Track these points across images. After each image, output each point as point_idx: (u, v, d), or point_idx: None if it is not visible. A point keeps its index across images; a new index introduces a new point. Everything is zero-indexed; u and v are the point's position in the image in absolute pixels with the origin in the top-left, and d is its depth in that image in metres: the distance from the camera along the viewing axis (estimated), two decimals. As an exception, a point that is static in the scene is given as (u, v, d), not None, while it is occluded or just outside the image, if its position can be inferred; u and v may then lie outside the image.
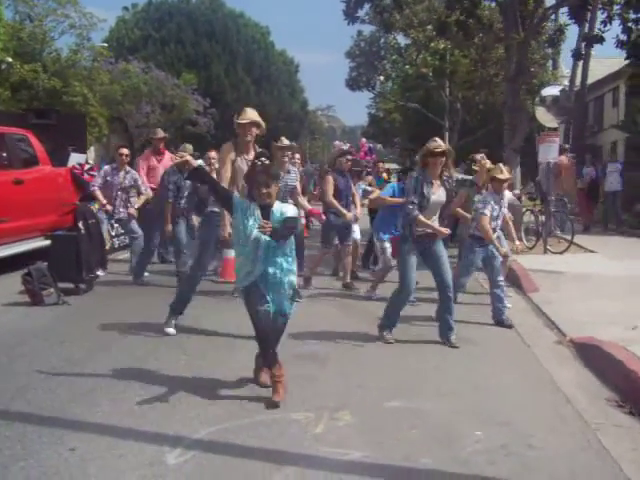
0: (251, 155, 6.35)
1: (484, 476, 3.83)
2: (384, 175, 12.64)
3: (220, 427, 4.38)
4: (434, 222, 6.67)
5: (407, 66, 27.36)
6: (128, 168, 10.06)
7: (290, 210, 5.16)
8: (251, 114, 6.53)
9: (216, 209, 6.85)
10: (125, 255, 11.36)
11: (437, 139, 6.83)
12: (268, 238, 4.82)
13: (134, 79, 34.57)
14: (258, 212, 4.97)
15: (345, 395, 5.06)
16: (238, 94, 43.97)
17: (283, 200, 7.97)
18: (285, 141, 8.59)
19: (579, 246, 12.74)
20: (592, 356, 6.11)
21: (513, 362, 6.19)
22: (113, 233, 11.98)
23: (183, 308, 6.78)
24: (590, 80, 27.41)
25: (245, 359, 5.56)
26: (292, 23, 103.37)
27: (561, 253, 12.10)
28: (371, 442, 4.21)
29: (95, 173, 11.76)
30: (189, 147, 9.90)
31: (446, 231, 6.79)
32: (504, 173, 7.73)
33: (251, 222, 4.91)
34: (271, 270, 4.91)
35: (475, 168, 9.27)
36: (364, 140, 12.47)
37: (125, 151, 10.06)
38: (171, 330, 6.59)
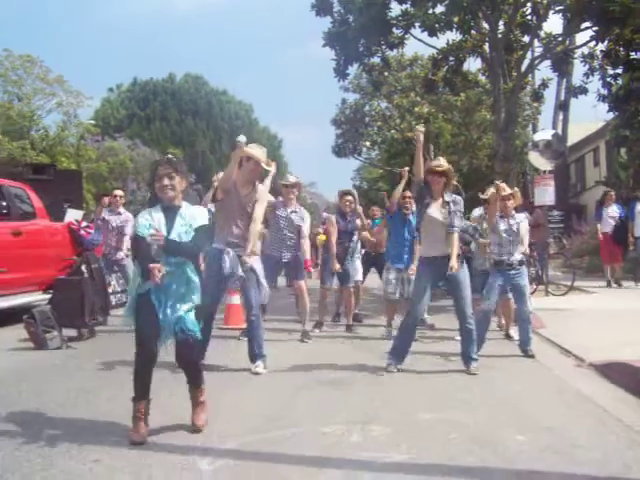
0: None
1: (535, 470, 3.64)
2: (377, 214, 12.25)
3: (247, 440, 4.13)
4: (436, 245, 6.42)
5: (392, 131, 27.79)
6: (122, 210, 10.14)
7: (199, 216, 4.31)
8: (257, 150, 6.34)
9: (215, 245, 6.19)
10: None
11: (440, 158, 6.73)
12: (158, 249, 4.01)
13: (120, 155, 34.92)
14: (159, 216, 4.17)
15: (374, 411, 4.84)
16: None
17: (287, 239, 7.86)
18: (291, 178, 8.35)
19: (579, 289, 12.68)
20: (618, 374, 5.94)
21: (540, 381, 6.00)
22: (110, 290, 11.71)
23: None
24: (569, 143, 28.07)
25: (264, 386, 5.36)
26: (275, 100, 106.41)
27: (563, 295, 12.03)
28: (412, 447, 4.00)
29: (92, 231, 11.66)
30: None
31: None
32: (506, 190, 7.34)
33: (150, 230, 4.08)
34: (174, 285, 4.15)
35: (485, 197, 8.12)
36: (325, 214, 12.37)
37: (118, 192, 10.32)
38: None
